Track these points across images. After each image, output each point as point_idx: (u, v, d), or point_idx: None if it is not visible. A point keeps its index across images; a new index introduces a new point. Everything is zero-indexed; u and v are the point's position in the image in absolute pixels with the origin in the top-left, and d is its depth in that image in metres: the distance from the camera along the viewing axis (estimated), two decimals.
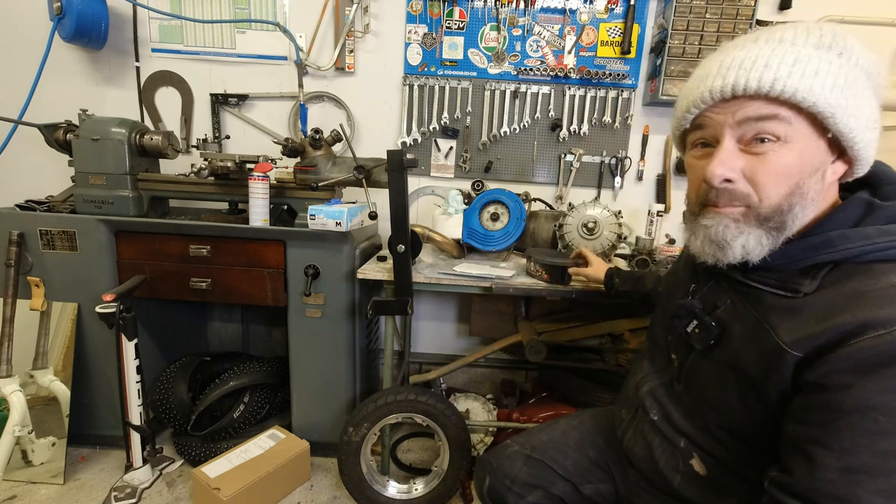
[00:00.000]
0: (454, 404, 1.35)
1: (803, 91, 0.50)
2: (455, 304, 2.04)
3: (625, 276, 1.16)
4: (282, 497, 1.43)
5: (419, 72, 1.81)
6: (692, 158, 0.63)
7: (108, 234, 1.45)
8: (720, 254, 0.59)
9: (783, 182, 0.54)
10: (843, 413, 0.47)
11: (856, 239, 0.52)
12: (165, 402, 1.57)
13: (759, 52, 0.53)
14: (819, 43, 0.52)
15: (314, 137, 1.41)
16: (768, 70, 0.51)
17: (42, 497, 1.38)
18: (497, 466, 0.92)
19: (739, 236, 0.57)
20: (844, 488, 0.46)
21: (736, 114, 0.54)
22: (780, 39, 0.53)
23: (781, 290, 0.57)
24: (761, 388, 0.56)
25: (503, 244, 1.51)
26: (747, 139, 0.55)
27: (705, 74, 0.57)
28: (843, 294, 0.51)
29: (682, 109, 0.60)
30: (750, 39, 0.56)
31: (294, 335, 1.49)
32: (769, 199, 0.55)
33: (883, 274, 0.50)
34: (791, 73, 0.50)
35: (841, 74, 0.51)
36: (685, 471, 0.70)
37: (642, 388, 0.79)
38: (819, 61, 0.51)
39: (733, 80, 0.53)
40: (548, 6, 1.74)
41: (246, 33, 1.81)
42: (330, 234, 1.37)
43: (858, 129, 0.52)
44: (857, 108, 0.51)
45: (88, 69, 1.85)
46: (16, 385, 1.39)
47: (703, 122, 0.58)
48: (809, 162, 0.54)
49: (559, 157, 1.86)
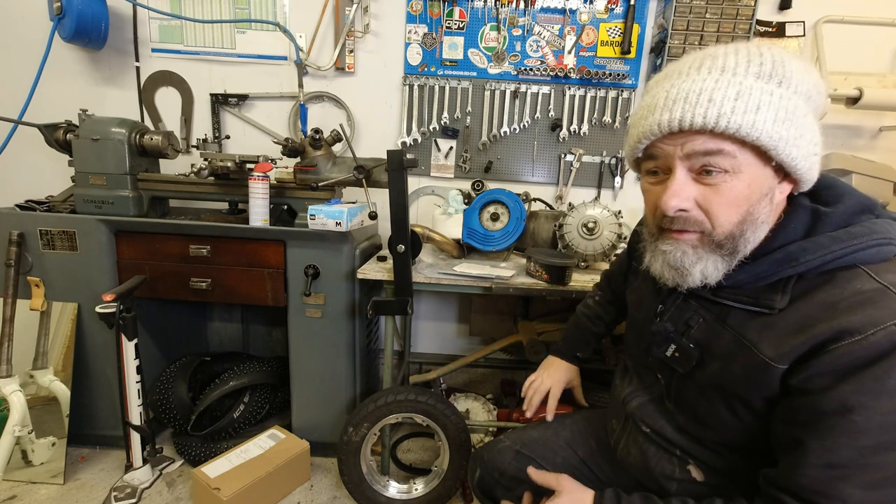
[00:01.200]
0: (454, 404, 1.35)
1: (746, 127, 0.51)
2: (455, 304, 2.04)
3: (572, 343, 1.08)
4: (282, 497, 1.43)
5: (419, 72, 1.81)
6: (647, 184, 0.64)
7: (108, 234, 1.45)
8: (680, 278, 0.61)
9: (734, 210, 0.56)
10: (823, 413, 0.51)
11: (814, 250, 0.55)
12: (165, 402, 1.57)
13: (703, 83, 0.53)
14: (760, 72, 0.53)
15: (314, 137, 1.41)
16: (712, 106, 0.52)
17: (42, 497, 1.38)
18: (488, 459, 0.95)
19: (698, 262, 0.59)
20: (826, 482, 0.50)
21: (684, 147, 0.55)
22: (723, 68, 0.54)
23: (755, 307, 0.59)
24: (750, 401, 0.59)
25: (503, 244, 1.51)
26: (697, 169, 0.56)
27: (653, 105, 0.57)
28: (816, 305, 0.54)
29: (634, 140, 0.61)
30: (694, 66, 0.56)
31: (294, 335, 1.49)
32: (722, 226, 0.56)
33: (846, 282, 0.53)
34: (734, 108, 0.51)
35: (782, 106, 0.52)
36: (682, 477, 0.70)
37: (631, 403, 0.78)
38: (760, 93, 0.51)
39: (679, 115, 0.53)
40: (548, 6, 1.74)
41: (246, 33, 1.81)
42: (330, 234, 1.37)
43: (800, 156, 0.54)
44: (798, 136, 0.53)
45: (88, 69, 1.85)
46: (16, 385, 1.39)
47: (655, 152, 0.59)
48: (758, 189, 0.56)
49: (559, 157, 1.86)
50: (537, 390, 1.01)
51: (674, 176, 0.57)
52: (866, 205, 0.58)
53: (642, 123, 0.58)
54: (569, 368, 1.06)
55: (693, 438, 0.69)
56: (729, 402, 0.61)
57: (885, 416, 0.48)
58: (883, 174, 1.60)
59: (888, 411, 0.48)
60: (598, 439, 0.91)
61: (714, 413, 0.64)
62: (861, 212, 0.57)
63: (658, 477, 0.73)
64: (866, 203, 0.58)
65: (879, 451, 0.48)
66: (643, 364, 0.79)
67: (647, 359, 0.76)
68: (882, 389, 0.48)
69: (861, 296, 0.51)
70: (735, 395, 0.60)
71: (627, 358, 0.87)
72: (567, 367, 1.06)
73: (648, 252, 0.66)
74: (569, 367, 1.06)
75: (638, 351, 0.80)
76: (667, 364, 0.70)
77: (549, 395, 1.00)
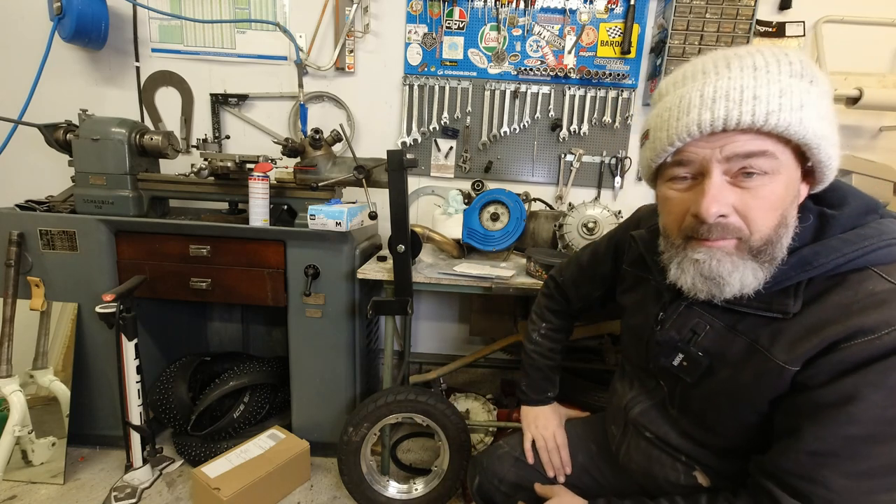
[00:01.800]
0: (454, 404, 1.34)
1: (795, 125, 0.49)
2: (455, 304, 2.04)
3: (539, 388, 1.01)
4: (282, 497, 1.43)
5: (419, 72, 1.81)
6: (672, 191, 0.59)
7: (108, 234, 1.45)
8: (716, 290, 0.57)
9: (773, 214, 0.53)
10: (823, 404, 0.51)
11: (827, 254, 0.54)
12: (165, 402, 1.57)
13: (742, 81, 0.50)
14: (792, 71, 0.51)
15: (314, 137, 1.41)
16: (759, 103, 0.49)
17: (42, 497, 1.38)
18: (487, 466, 0.94)
19: (735, 271, 0.55)
20: (812, 469, 0.51)
21: (724, 149, 0.52)
22: (755, 67, 0.51)
23: (769, 312, 0.58)
24: (762, 405, 0.58)
25: (503, 244, 1.51)
26: (734, 172, 0.53)
27: (686, 105, 0.53)
28: (829, 308, 0.53)
29: (662, 143, 0.56)
30: (721, 65, 0.53)
31: (294, 335, 1.49)
32: (760, 231, 0.54)
33: (858, 283, 0.53)
34: (781, 106, 0.49)
35: (820, 104, 0.51)
36: (687, 483, 0.69)
37: (633, 410, 0.77)
38: (801, 92, 0.50)
39: (724, 114, 0.50)
40: (548, 6, 1.74)
41: (246, 33, 1.81)
42: (330, 234, 1.37)
43: (835, 156, 0.53)
44: (833, 135, 0.52)
45: (88, 69, 1.85)
46: (16, 385, 1.39)
47: (687, 156, 0.55)
48: (792, 191, 0.54)
49: (559, 157, 1.86)
50: (552, 450, 0.92)
51: (711, 180, 0.53)
52: (871, 205, 0.57)
53: (674, 125, 0.54)
54: (553, 410, 1.00)
55: (698, 444, 0.68)
56: (739, 408, 0.60)
57: (882, 409, 0.48)
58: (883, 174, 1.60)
59: (885, 405, 0.48)
60: (599, 444, 0.91)
61: (722, 419, 0.63)
62: (867, 212, 0.57)
63: (662, 483, 0.72)
64: (871, 204, 0.58)
65: (869, 442, 0.49)
66: (643, 369, 0.77)
67: (646, 365, 0.74)
68: (883, 384, 0.48)
69: (875, 297, 0.51)
70: (747, 400, 0.59)
71: (626, 362, 0.85)
72: (550, 410, 1.00)
73: (674, 264, 0.61)
74: (552, 409, 1.00)
75: (637, 357, 0.78)
76: (672, 373, 0.68)
77: (559, 447, 0.93)
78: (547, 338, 1.01)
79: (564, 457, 0.91)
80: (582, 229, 1.42)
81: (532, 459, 0.93)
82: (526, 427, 0.98)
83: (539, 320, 1.02)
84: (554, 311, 1.01)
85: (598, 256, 0.92)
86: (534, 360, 1.01)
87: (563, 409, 1.03)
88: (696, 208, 0.55)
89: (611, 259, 0.90)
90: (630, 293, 0.83)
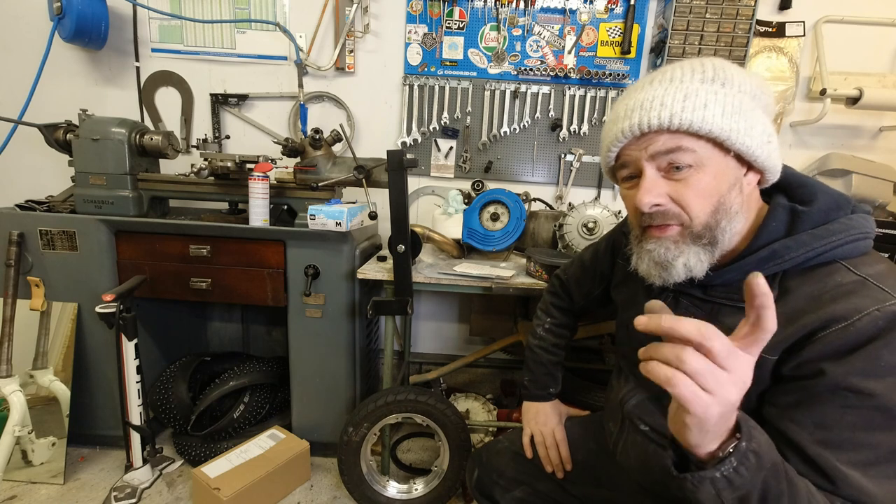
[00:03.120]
0: (454, 404, 1.34)
1: (697, 122, 0.56)
2: (455, 304, 2.04)
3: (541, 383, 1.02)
4: (282, 497, 1.43)
5: (419, 72, 1.81)
6: (625, 190, 0.68)
7: (108, 234, 1.45)
8: (665, 274, 0.63)
9: (707, 201, 0.60)
10: (816, 394, 0.53)
11: (797, 248, 0.58)
12: (165, 402, 1.57)
13: (654, 92, 0.60)
14: (703, 77, 0.59)
15: (314, 137, 1.41)
16: (664, 108, 0.58)
17: (42, 497, 1.38)
18: (486, 460, 0.95)
19: (680, 256, 0.62)
20: (823, 460, 0.51)
21: (648, 148, 0.60)
22: (671, 79, 0.60)
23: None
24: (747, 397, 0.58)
25: (503, 244, 1.51)
26: (665, 167, 0.60)
27: (616, 117, 0.64)
28: (801, 298, 0.57)
29: (605, 149, 0.66)
30: (647, 82, 0.63)
31: (294, 335, 1.49)
32: (698, 217, 0.60)
33: (827, 276, 0.57)
34: (684, 107, 0.57)
35: (728, 102, 0.57)
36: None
37: (629, 402, 0.78)
38: (706, 94, 0.57)
39: (637, 120, 0.59)
40: (548, 6, 1.74)
41: (246, 33, 1.81)
42: (330, 234, 1.37)
43: (755, 145, 0.58)
44: (749, 128, 0.57)
45: (88, 69, 1.85)
46: (16, 385, 1.39)
47: (625, 158, 0.64)
48: (724, 179, 0.60)
49: (559, 157, 1.86)
50: (550, 446, 0.93)
51: (644, 175, 0.61)
52: (840, 202, 0.61)
53: (609, 133, 0.65)
54: (553, 407, 1.00)
55: None
56: None
57: (878, 397, 0.49)
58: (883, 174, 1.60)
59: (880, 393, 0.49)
60: (598, 441, 0.91)
61: None
62: (837, 208, 0.60)
63: (659, 476, 0.72)
64: (840, 200, 0.61)
65: (870, 430, 0.50)
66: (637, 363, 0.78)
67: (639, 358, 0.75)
68: (872, 371, 0.50)
69: (842, 287, 0.55)
70: None
71: (620, 357, 0.87)
72: (550, 406, 1.00)
73: (635, 254, 0.68)
74: (553, 406, 1.00)
75: (630, 351, 0.79)
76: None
77: (558, 443, 0.94)
78: (551, 332, 1.02)
79: (564, 453, 0.92)
80: (582, 229, 1.42)
81: (531, 454, 0.94)
82: (526, 422, 0.99)
83: (544, 315, 1.04)
84: (558, 308, 1.04)
85: (599, 255, 0.95)
86: (537, 355, 1.02)
87: (564, 407, 1.04)
88: (635, 200, 0.62)
89: (609, 256, 0.93)
90: (621, 287, 0.86)
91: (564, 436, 0.95)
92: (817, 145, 1.82)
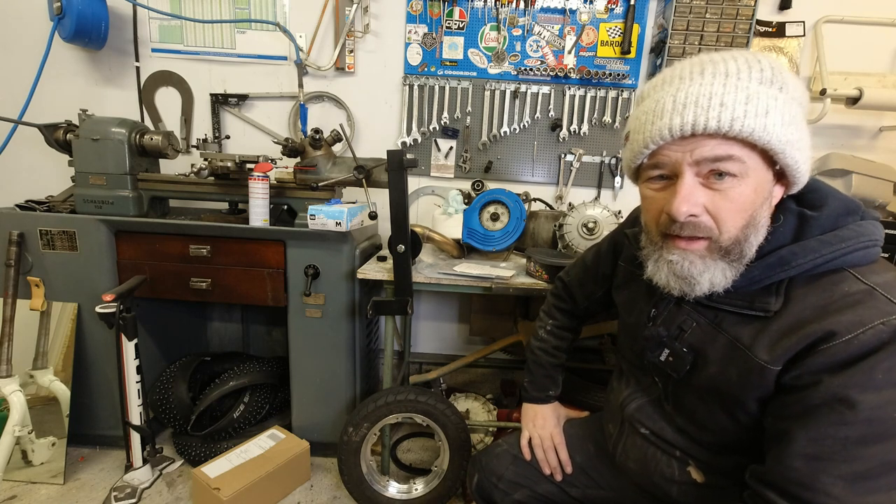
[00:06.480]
0: (454, 404, 1.34)
1: (759, 130, 0.51)
2: (455, 304, 2.04)
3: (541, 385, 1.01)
4: (282, 497, 1.43)
5: (419, 72, 1.81)
6: (649, 190, 0.62)
7: (108, 234, 1.45)
8: (688, 288, 0.60)
9: (741, 215, 0.56)
10: (811, 407, 0.51)
11: (805, 254, 0.56)
12: (165, 402, 1.57)
13: (711, 88, 0.53)
14: (762, 78, 0.53)
15: (314, 137, 1.41)
16: (725, 110, 0.52)
17: (42, 497, 1.38)
18: (486, 464, 0.95)
19: (706, 271, 0.58)
20: (808, 475, 0.50)
21: (693, 152, 0.55)
22: (726, 73, 0.54)
23: (751, 311, 0.59)
24: (747, 404, 0.59)
25: (503, 244, 1.51)
26: (705, 174, 0.56)
27: (660, 110, 0.56)
28: (807, 307, 0.55)
29: (639, 145, 0.59)
30: (696, 71, 0.56)
31: (294, 335, 1.49)
32: (729, 232, 0.56)
33: (834, 285, 0.55)
34: (746, 112, 0.51)
35: (786, 111, 0.53)
36: (682, 479, 0.70)
37: (630, 406, 0.78)
38: (767, 98, 0.52)
39: (692, 120, 0.53)
40: (548, 6, 1.74)
41: (246, 33, 1.81)
42: (330, 234, 1.37)
43: (802, 160, 0.55)
44: (800, 140, 0.54)
45: (88, 69, 1.85)
46: (16, 385, 1.39)
47: (661, 159, 0.58)
48: (761, 192, 0.56)
49: (559, 157, 1.86)
50: (547, 449, 0.92)
51: (683, 181, 0.56)
52: (850, 207, 0.58)
53: (649, 128, 0.57)
54: (553, 409, 1.00)
55: (693, 440, 0.69)
56: (726, 406, 0.62)
57: (872, 409, 0.48)
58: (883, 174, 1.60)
59: (875, 405, 0.48)
60: (597, 443, 0.91)
61: (712, 416, 0.64)
62: (847, 214, 0.58)
63: (658, 480, 0.73)
64: (850, 205, 0.59)
65: (863, 443, 0.49)
66: (638, 367, 0.78)
67: (641, 362, 0.75)
68: (869, 383, 0.48)
69: (849, 297, 0.52)
70: (732, 398, 0.60)
71: (622, 360, 0.86)
72: (550, 409, 1.00)
73: (651, 261, 0.64)
74: (552, 408, 1.00)
75: (632, 354, 0.79)
76: (661, 368, 0.69)
77: (556, 446, 0.93)
78: (553, 335, 1.01)
79: (562, 456, 0.92)
80: (582, 229, 1.42)
81: (529, 456, 0.94)
82: (524, 425, 0.99)
83: (546, 317, 1.04)
84: (561, 310, 1.03)
85: (601, 256, 0.94)
86: (538, 357, 1.02)
87: (564, 409, 1.03)
88: (669, 207, 0.57)
89: (611, 258, 0.92)
90: (622, 290, 0.84)
91: (563, 439, 0.94)
92: (817, 145, 1.82)
